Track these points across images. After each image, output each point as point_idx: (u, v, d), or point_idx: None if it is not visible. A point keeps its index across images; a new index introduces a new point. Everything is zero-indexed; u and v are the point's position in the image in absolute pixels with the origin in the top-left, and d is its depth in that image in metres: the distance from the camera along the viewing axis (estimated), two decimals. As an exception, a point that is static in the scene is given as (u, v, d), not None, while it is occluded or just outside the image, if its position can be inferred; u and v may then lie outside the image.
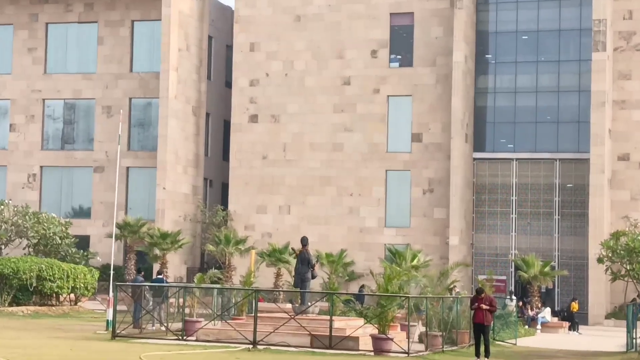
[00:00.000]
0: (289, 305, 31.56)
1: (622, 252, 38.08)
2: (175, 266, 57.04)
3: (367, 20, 59.64)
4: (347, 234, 58.56)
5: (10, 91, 64.64)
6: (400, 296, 27.89)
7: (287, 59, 60.94)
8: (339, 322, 27.93)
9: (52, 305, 42.19)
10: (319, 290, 35.77)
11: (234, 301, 32.53)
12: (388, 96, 59.37)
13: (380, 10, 59.43)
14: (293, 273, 34.12)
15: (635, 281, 38.59)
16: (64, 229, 52.77)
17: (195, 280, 42.49)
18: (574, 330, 48.41)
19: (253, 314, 28.02)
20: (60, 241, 51.82)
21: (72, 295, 44.19)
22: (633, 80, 56.17)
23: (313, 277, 29.94)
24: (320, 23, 60.32)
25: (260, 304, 30.40)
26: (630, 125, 56.20)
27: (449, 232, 56.49)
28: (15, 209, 53.75)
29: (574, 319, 49.79)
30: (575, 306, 51.35)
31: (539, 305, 51.51)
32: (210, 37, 64.59)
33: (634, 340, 32.29)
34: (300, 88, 60.56)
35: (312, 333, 26.69)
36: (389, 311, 26.74)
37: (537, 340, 39.65)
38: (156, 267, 52.49)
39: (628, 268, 37.39)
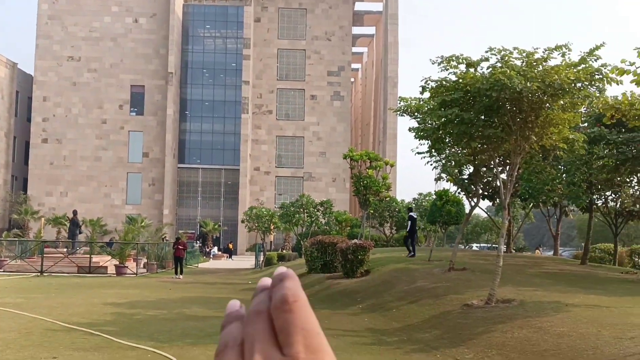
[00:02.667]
0: (64, 249, 30.39)
1: (253, 217, 38.57)
2: (-9, 228, 54.46)
3: (117, 87, 62.63)
4: (103, 208, 61.06)
5: None
6: (134, 242, 29.64)
7: (67, 107, 62.08)
8: (96, 258, 28.04)
9: None
10: (83, 240, 33.81)
11: (29, 247, 31.57)
12: (129, 131, 62.89)
13: (125, 82, 62.75)
14: (67, 231, 34.41)
15: (259, 232, 38.86)
16: None
17: (4, 235, 43.19)
18: (230, 258, 53.02)
19: (41, 255, 27.61)
20: None
21: None
22: (262, 129, 64.24)
23: (80, 233, 30.96)
24: (88, 87, 62.37)
25: (46, 249, 28.95)
26: (260, 152, 63.87)
27: (164, 207, 61.26)
28: None
29: (230, 252, 55.33)
30: (231, 246, 57.04)
31: (211, 245, 56.97)
32: (17, 92, 63.94)
33: (258, 262, 38.20)
34: (75, 124, 62.08)
35: (78, 265, 27.07)
36: (125, 251, 27.96)
37: (210, 264, 43.17)
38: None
39: (257, 226, 37.64)
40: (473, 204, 17.05)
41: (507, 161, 15.65)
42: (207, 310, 14.02)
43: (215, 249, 56.41)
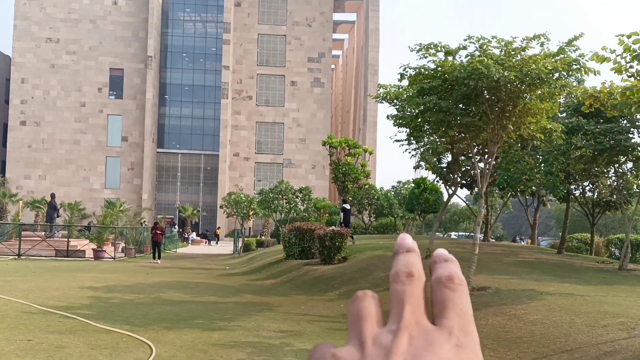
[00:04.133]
0: (42, 233, 29.94)
1: (232, 203, 37.24)
2: (-33, 212, 52.77)
3: (96, 70, 61.93)
4: (82, 192, 60.59)
5: None
6: (112, 227, 29.82)
7: (45, 89, 61.22)
8: (74, 242, 27.84)
9: None
10: (61, 224, 33.49)
11: (7, 230, 31.57)
12: (108, 115, 62.24)
13: (104, 65, 62.04)
14: (45, 214, 33.83)
15: (238, 218, 37.72)
16: None
17: (-19, 218, 40.06)
18: (216, 243, 52.98)
19: (18, 238, 27.39)
20: None
21: None
22: (242, 115, 63.99)
23: (58, 216, 30.29)
24: (67, 69, 61.55)
25: (23, 232, 28.87)
26: (240, 138, 63.45)
27: (142, 192, 60.96)
28: None
29: (217, 237, 55.41)
30: (218, 232, 56.98)
31: (190, 231, 56.40)
32: (-5, 73, 62.50)
33: (237, 248, 37.62)
34: (53, 106, 61.30)
35: (56, 249, 26.74)
36: (103, 235, 27.91)
37: (189, 249, 43.25)
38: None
39: (235, 211, 36.77)
40: (451, 192, 17.11)
41: (486, 150, 15.68)
42: (184, 295, 13.90)
43: (194, 234, 56.04)
